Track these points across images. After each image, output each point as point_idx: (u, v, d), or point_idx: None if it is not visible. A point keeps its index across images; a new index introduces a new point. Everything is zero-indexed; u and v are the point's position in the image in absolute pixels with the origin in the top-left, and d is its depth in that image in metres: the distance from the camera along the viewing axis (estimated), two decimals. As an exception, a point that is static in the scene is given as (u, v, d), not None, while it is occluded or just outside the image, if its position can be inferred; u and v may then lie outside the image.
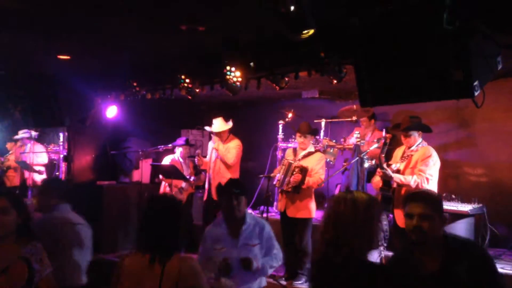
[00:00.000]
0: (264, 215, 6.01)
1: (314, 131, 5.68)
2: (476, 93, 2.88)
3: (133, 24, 4.38)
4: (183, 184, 6.76)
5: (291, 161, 5.51)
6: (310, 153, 5.61)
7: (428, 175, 4.58)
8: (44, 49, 5.39)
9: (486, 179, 6.00)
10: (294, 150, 5.78)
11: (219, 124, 6.43)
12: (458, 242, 2.42)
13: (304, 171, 5.38)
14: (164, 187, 6.92)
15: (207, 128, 6.68)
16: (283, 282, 5.43)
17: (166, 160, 6.97)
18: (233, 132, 6.56)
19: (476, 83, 2.84)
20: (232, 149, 6.30)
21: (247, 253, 3.50)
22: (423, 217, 2.32)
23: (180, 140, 7.07)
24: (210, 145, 6.62)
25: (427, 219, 2.31)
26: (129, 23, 4.37)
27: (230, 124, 6.43)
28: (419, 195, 2.47)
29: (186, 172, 6.85)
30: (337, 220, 2.11)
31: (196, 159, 6.69)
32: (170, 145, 7.12)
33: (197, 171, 6.94)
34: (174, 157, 6.97)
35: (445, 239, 2.38)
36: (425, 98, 3.45)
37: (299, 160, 5.55)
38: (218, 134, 6.42)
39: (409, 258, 2.40)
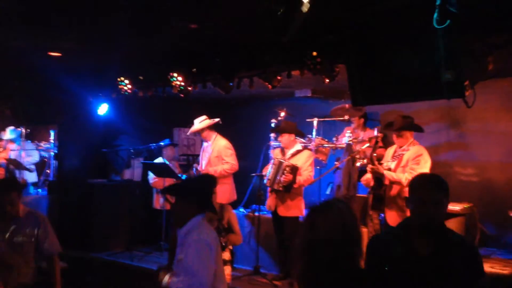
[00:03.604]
0: (256, 213, 6.00)
1: (288, 129, 5.66)
2: (466, 93, 2.90)
3: (124, 20, 4.35)
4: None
5: (281, 160, 5.50)
6: (298, 151, 5.62)
7: (418, 174, 4.59)
8: (35, 45, 5.35)
9: (477, 179, 6.04)
10: (282, 149, 5.78)
11: (196, 124, 6.32)
12: (454, 233, 2.43)
13: (295, 170, 5.39)
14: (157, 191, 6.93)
15: (190, 131, 6.57)
16: (277, 283, 5.42)
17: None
18: (225, 130, 6.53)
19: (466, 83, 2.86)
20: (227, 157, 6.21)
21: None
22: (435, 203, 2.28)
23: (165, 141, 7.08)
24: (205, 147, 6.56)
25: (438, 205, 2.29)
26: (120, 20, 4.34)
27: (206, 122, 6.25)
28: (432, 180, 2.41)
29: None
30: (329, 240, 2.04)
31: (194, 170, 6.59)
32: (162, 143, 7.10)
33: (187, 162, 6.91)
34: (159, 161, 6.96)
35: (442, 227, 2.37)
36: (416, 97, 3.47)
37: (288, 159, 5.55)
38: (202, 135, 6.36)
39: (399, 240, 2.38)
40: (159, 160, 7.01)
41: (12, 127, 7.85)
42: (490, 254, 5.20)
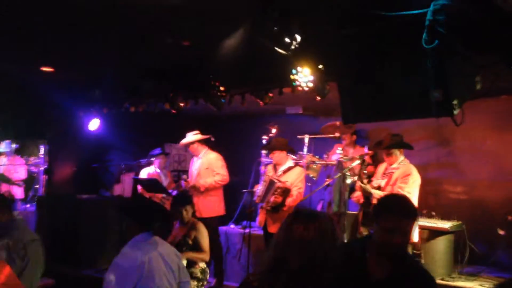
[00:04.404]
0: (247, 230, 5.98)
1: (279, 147, 5.68)
2: (455, 112, 2.94)
3: (116, 38, 4.38)
4: (164, 195, 6.71)
5: (273, 179, 5.50)
6: (290, 168, 5.64)
7: (406, 192, 4.62)
8: (27, 60, 5.34)
9: (466, 197, 6.08)
10: (274, 165, 5.80)
11: (188, 136, 6.38)
12: (411, 257, 2.38)
13: (286, 192, 5.39)
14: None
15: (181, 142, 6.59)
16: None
17: (143, 174, 6.93)
18: (217, 146, 6.54)
19: (455, 102, 2.91)
20: (218, 168, 6.23)
21: None
22: (404, 233, 2.13)
23: (156, 151, 7.05)
24: (195, 161, 6.56)
25: (406, 234, 2.15)
26: (112, 37, 4.37)
27: (197, 136, 6.34)
28: (403, 207, 2.20)
29: (165, 182, 6.82)
30: (301, 247, 1.85)
31: (183, 183, 6.58)
32: (146, 158, 7.09)
33: (177, 178, 6.90)
34: (149, 171, 6.93)
35: (402, 252, 2.26)
36: (406, 115, 3.51)
37: (279, 175, 5.56)
38: (192, 149, 6.38)
39: (354, 259, 2.25)
40: (150, 169, 6.97)
41: (6, 141, 7.78)
42: (480, 272, 5.21)
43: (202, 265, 4.79)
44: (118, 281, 2.93)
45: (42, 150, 7.72)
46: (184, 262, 4.00)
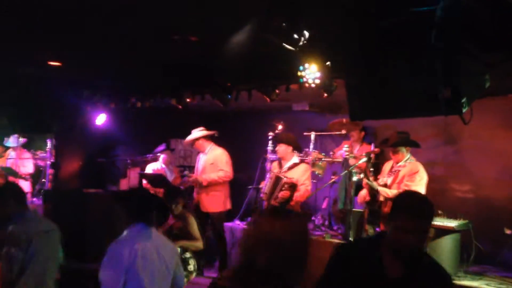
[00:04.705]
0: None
1: (286, 140, 5.67)
2: (464, 110, 2.92)
3: (124, 31, 4.38)
4: None
5: (279, 175, 5.50)
6: (295, 164, 5.63)
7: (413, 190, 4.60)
8: (34, 54, 5.36)
9: (473, 196, 6.04)
10: (279, 162, 5.79)
11: (193, 133, 6.39)
12: (429, 257, 2.30)
13: (293, 187, 5.39)
14: None
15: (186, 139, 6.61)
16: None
17: (148, 170, 6.96)
18: (222, 143, 6.54)
19: (464, 100, 2.89)
20: (222, 164, 6.23)
21: None
22: (419, 232, 2.09)
23: (161, 147, 7.08)
24: (201, 157, 6.57)
25: (422, 234, 2.12)
26: (120, 31, 4.37)
27: (201, 132, 6.36)
28: (421, 207, 2.17)
29: (170, 177, 6.84)
30: (270, 246, 1.74)
31: (185, 178, 6.59)
32: (152, 153, 7.13)
33: (182, 174, 6.93)
34: (157, 166, 6.96)
35: (419, 251, 2.22)
36: (414, 113, 3.49)
37: (284, 172, 5.55)
38: (197, 145, 6.39)
39: (368, 256, 2.20)
40: (156, 165, 7.00)
41: (16, 135, 7.83)
42: (486, 271, 5.18)
43: (192, 261, 4.89)
44: (108, 263, 2.95)
45: (49, 144, 7.75)
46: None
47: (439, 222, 5.17)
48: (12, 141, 7.86)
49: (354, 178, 5.65)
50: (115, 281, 2.86)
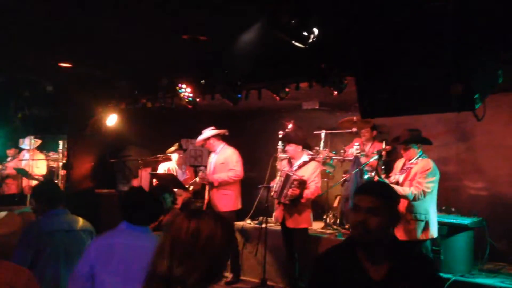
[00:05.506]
0: (263, 225, 5.98)
1: (296, 140, 5.64)
2: (477, 106, 2.89)
3: (134, 32, 4.40)
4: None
5: (289, 173, 5.48)
6: (305, 163, 5.60)
7: (425, 187, 4.56)
8: (45, 56, 5.41)
9: (486, 193, 5.98)
10: (289, 160, 5.77)
11: (205, 133, 6.42)
12: (408, 250, 2.21)
13: (302, 184, 5.36)
14: None
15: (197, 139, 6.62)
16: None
17: (161, 169, 6.99)
18: (233, 142, 6.55)
19: (477, 96, 2.85)
20: (232, 164, 6.24)
21: None
22: (370, 211, 2.00)
23: (173, 147, 7.12)
24: (212, 156, 6.58)
25: (375, 214, 2.00)
26: (130, 31, 4.39)
27: (212, 131, 6.37)
28: (370, 186, 2.24)
29: (181, 178, 6.87)
30: (173, 250, 1.64)
31: (200, 173, 6.59)
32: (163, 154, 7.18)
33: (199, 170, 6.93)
34: (166, 166, 7.00)
35: (393, 244, 2.12)
36: (426, 110, 3.46)
37: (295, 170, 5.53)
38: (208, 145, 6.41)
39: (347, 260, 2.11)
40: (167, 165, 7.04)
41: (31, 137, 7.93)
42: (500, 268, 5.14)
43: None
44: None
45: (61, 145, 7.83)
46: None
47: (452, 219, 5.13)
48: (27, 143, 7.96)
49: (366, 176, 5.62)
50: (80, 272, 2.84)
